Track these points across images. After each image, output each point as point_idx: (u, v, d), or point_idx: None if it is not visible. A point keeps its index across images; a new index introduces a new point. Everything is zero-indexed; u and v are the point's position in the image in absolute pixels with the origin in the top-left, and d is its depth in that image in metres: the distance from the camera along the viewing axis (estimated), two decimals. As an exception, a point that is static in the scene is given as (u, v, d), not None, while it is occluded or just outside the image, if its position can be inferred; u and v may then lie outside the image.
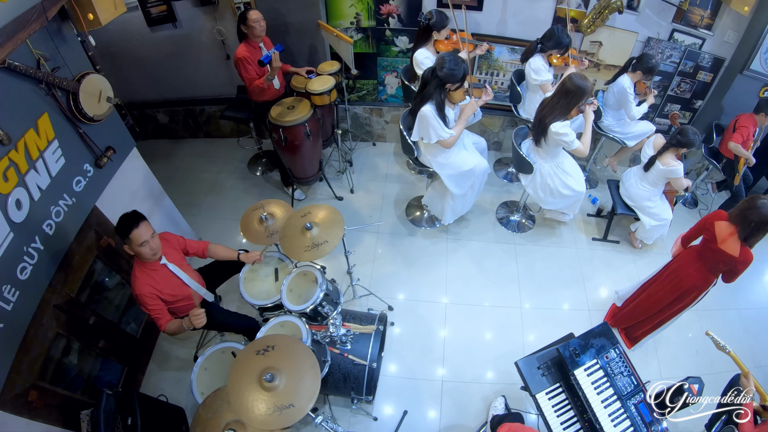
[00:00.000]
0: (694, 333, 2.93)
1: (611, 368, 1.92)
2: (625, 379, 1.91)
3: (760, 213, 1.90)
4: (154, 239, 1.86)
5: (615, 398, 1.86)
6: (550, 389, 1.94)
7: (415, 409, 2.35)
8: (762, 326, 3.01)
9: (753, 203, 1.94)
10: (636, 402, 1.86)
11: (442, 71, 2.14)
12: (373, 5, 2.98)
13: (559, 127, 2.34)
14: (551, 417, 1.87)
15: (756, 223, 1.93)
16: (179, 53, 3.30)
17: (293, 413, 1.50)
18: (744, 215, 1.97)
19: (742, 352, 2.76)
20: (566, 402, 1.93)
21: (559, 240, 3.16)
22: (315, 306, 1.93)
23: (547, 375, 1.96)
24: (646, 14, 3.04)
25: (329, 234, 1.93)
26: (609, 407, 1.84)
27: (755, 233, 1.96)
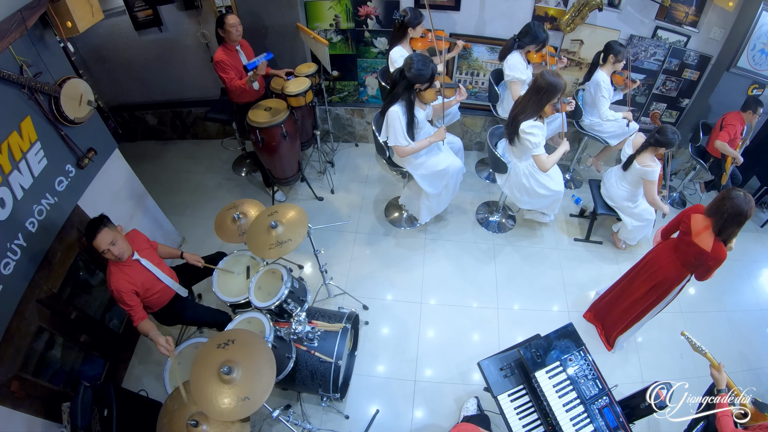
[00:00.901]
0: (678, 335, 2.97)
1: (575, 371, 1.92)
2: (590, 383, 1.91)
3: (734, 203, 1.90)
4: (117, 245, 1.95)
5: (578, 402, 1.85)
6: (513, 391, 1.96)
7: (387, 409, 2.44)
8: (752, 328, 3.03)
9: (728, 194, 1.95)
10: (600, 406, 1.85)
11: (410, 72, 2.23)
12: (351, 7, 3.10)
13: (528, 126, 2.40)
14: (513, 419, 1.90)
15: (729, 214, 1.92)
16: (166, 56, 3.47)
17: (249, 405, 1.61)
18: (718, 206, 1.97)
19: (731, 354, 2.83)
20: (530, 404, 1.94)
21: (540, 240, 3.22)
22: (280, 303, 2.05)
23: (510, 377, 1.98)
24: (627, 11, 3.08)
25: (293, 232, 2.04)
26: (571, 411, 1.83)
27: (729, 225, 1.94)
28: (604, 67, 2.98)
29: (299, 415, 2.38)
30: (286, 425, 1.81)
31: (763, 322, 3.11)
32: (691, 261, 2.17)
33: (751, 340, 2.97)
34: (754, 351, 2.91)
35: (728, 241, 2.04)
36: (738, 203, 1.90)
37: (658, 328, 2.99)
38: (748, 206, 1.90)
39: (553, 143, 3.56)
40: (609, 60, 2.93)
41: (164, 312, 2.34)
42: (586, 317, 2.90)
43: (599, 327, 2.85)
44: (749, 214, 1.91)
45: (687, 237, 2.14)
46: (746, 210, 1.90)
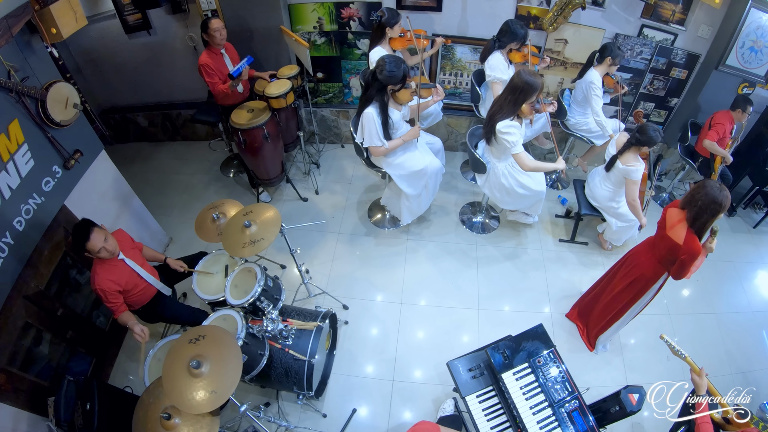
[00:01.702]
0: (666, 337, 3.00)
1: (543, 373, 1.93)
2: (559, 386, 1.90)
3: (707, 192, 1.90)
4: (109, 242, 2.12)
5: (546, 405, 1.85)
6: (482, 392, 1.97)
7: (364, 408, 2.53)
8: (742, 330, 3.05)
9: (702, 183, 1.96)
10: (570, 410, 1.84)
11: (382, 74, 2.31)
12: (334, 9, 3.21)
13: (504, 126, 2.46)
14: (481, 421, 1.91)
15: (703, 202, 1.91)
16: (155, 59, 3.62)
17: (216, 399, 1.72)
18: (692, 196, 1.97)
19: (719, 357, 2.87)
20: (499, 406, 1.96)
21: (524, 241, 3.28)
22: (254, 301, 2.15)
23: (480, 378, 2.00)
24: (612, 10, 3.14)
25: (266, 231, 2.15)
26: (538, 414, 1.83)
27: (702, 214, 1.93)
28: (599, 67, 3.02)
29: (277, 413, 2.47)
30: (254, 421, 1.90)
31: (755, 324, 3.13)
32: (665, 256, 2.15)
33: (741, 342, 2.99)
34: (743, 353, 2.93)
35: (702, 233, 2.00)
36: (711, 192, 1.90)
37: (643, 329, 3.03)
38: (722, 196, 1.90)
39: (538, 143, 3.62)
40: (605, 61, 2.97)
41: (146, 310, 2.47)
42: (568, 316, 2.95)
43: (581, 326, 2.90)
44: (724, 204, 1.90)
45: (662, 231, 2.14)
46: (720, 199, 1.89)
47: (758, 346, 3.00)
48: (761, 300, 3.26)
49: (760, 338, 3.06)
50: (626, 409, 1.93)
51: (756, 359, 2.93)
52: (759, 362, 2.91)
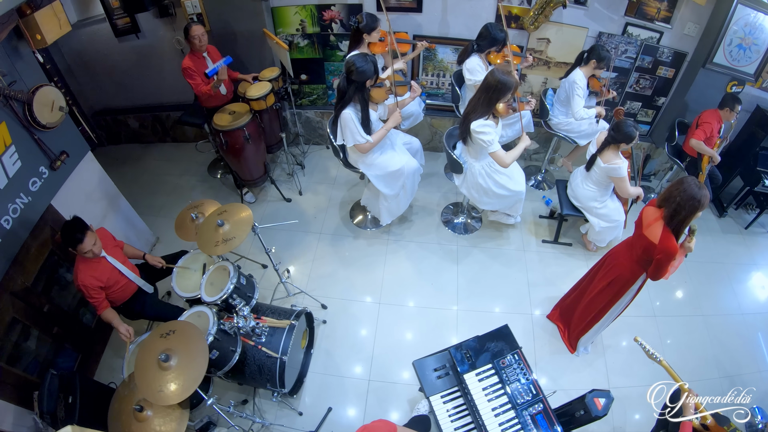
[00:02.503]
0: (649, 340, 2.98)
1: (507, 375, 1.93)
2: (522, 388, 1.90)
3: (685, 189, 1.90)
4: (97, 244, 2.28)
5: (509, 407, 1.86)
6: (447, 392, 1.99)
7: (339, 407, 2.63)
8: (730, 333, 3.08)
9: (680, 180, 1.96)
10: (533, 413, 1.84)
11: (354, 73, 2.42)
12: (316, 12, 3.35)
13: (478, 125, 2.53)
14: (445, 421, 1.93)
15: (682, 198, 1.90)
16: (145, 62, 3.80)
17: (181, 391, 1.84)
18: (669, 193, 1.97)
19: (706, 360, 2.91)
20: (464, 407, 1.98)
21: (506, 242, 3.36)
22: (226, 298, 2.28)
23: (445, 378, 2.03)
24: (595, 8, 3.20)
25: (238, 230, 2.28)
26: (501, 416, 1.84)
27: (680, 210, 1.92)
28: (585, 68, 3.08)
29: (254, 410, 2.58)
30: (220, 414, 2.02)
31: (744, 327, 3.15)
32: (641, 256, 2.16)
33: (729, 345, 3.02)
34: (731, 357, 2.96)
35: (680, 231, 1.99)
36: (690, 188, 1.90)
37: (627, 331, 3.07)
38: (701, 193, 1.89)
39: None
40: (591, 63, 3.03)
41: (127, 306, 2.61)
42: (550, 318, 3.01)
43: (562, 328, 2.94)
44: (702, 201, 1.89)
45: (638, 230, 2.14)
46: (699, 195, 1.88)
47: (747, 349, 3.02)
48: (752, 302, 3.28)
49: (749, 341, 3.07)
50: (591, 413, 1.94)
51: (745, 363, 2.94)
52: (747, 366, 2.93)
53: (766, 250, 3.55)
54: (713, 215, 3.78)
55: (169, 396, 1.85)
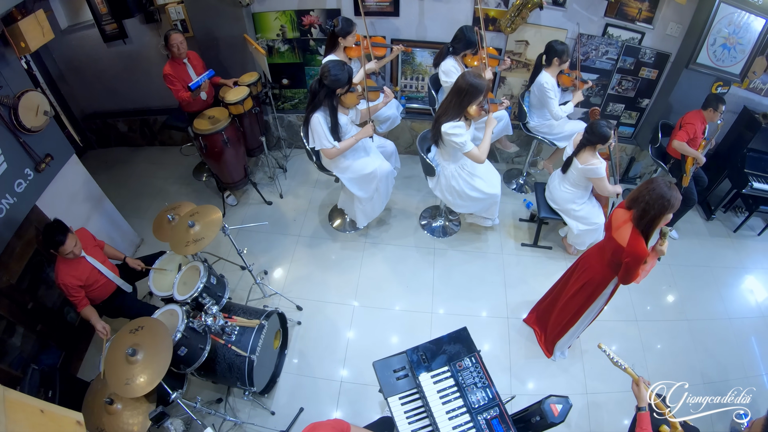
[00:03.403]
0: (630, 344, 3.11)
1: (463, 378, 1.97)
2: (479, 392, 1.94)
3: (654, 188, 1.92)
4: (77, 246, 2.49)
5: (464, 411, 1.89)
6: (405, 394, 2.04)
7: (311, 407, 2.77)
8: (715, 339, 3.15)
9: (649, 180, 1.99)
10: (489, 417, 1.87)
11: (328, 79, 2.58)
12: (295, 17, 3.54)
13: (449, 128, 2.66)
14: (402, 423, 1.98)
15: (650, 199, 1.93)
16: (132, 67, 4.04)
17: (143, 385, 2.02)
18: (639, 193, 1.99)
19: (690, 366, 3.00)
20: (422, 409, 2.00)
21: (484, 245, 3.48)
22: (196, 297, 2.46)
23: (404, 380, 2.07)
24: (573, 9, 3.32)
25: (207, 231, 2.46)
26: (455, 419, 1.87)
27: (649, 210, 1.95)
28: (549, 68, 3.20)
29: (224, 408, 2.75)
30: (184, 409, 2.18)
31: (732, 332, 3.21)
32: (611, 259, 2.22)
33: (715, 351, 3.09)
34: (717, 362, 3.02)
35: (649, 233, 2.02)
36: (659, 188, 1.92)
37: (607, 336, 3.16)
38: (670, 192, 1.91)
39: (502, 147, 3.81)
40: (554, 62, 3.14)
41: (106, 305, 2.82)
42: (526, 321, 3.12)
43: (539, 332, 3.04)
44: (672, 201, 1.90)
45: (608, 232, 2.21)
46: (668, 195, 1.90)
47: (734, 354, 3.08)
48: (739, 307, 3.34)
49: (736, 346, 3.13)
50: (547, 419, 1.98)
51: (731, 368, 3.00)
52: (734, 371, 2.99)
53: (755, 254, 3.60)
54: (701, 218, 3.84)
55: (135, 388, 2.03)
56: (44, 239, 2.45)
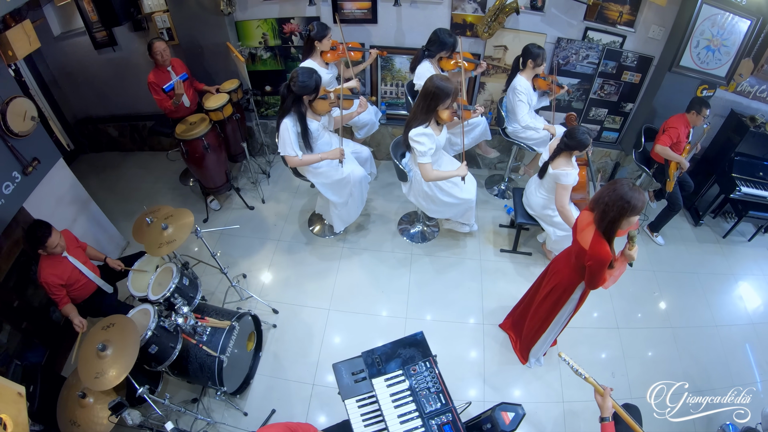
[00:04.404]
0: (610, 352, 3.22)
1: (417, 382, 2.05)
2: (432, 396, 2.01)
3: (615, 189, 1.96)
4: (62, 239, 2.76)
5: (416, 415, 1.96)
6: (362, 397, 2.12)
7: (283, 409, 2.96)
8: (700, 347, 3.24)
9: (613, 181, 2.02)
10: (441, 423, 1.93)
11: (295, 85, 2.80)
12: (276, 25, 3.80)
13: (415, 134, 2.83)
14: (358, 426, 2.06)
15: (609, 200, 1.97)
16: (121, 73, 4.36)
17: (111, 379, 2.24)
18: (599, 195, 2.04)
19: (673, 374, 3.13)
20: (378, 412, 2.05)
21: (462, 251, 3.64)
22: (168, 297, 2.69)
23: (362, 382, 2.15)
24: (552, 14, 3.49)
25: (179, 233, 2.70)
26: (407, 424, 1.95)
27: (609, 212, 1.99)
28: (524, 72, 3.36)
29: (197, 409, 2.95)
30: (150, 403, 2.39)
31: (719, 339, 3.30)
32: (576, 263, 2.31)
33: (700, 359, 3.18)
34: (702, 371, 3.10)
35: (611, 236, 2.06)
36: (620, 189, 1.95)
37: (587, 343, 3.28)
38: (632, 194, 1.94)
39: (482, 152, 3.98)
40: (528, 65, 3.31)
41: (87, 304, 3.07)
42: (502, 327, 3.26)
43: (514, 338, 3.17)
44: (633, 203, 1.94)
45: (573, 235, 2.28)
46: (629, 196, 1.93)
47: (720, 362, 3.16)
48: (728, 314, 3.41)
49: (723, 354, 3.21)
50: (498, 427, 2.09)
51: (716, 376, 3.08)
52: (720, 379, 3.06)
53: (745, 260, 3.66)
54: (689, 224, 3.93)
55: (104, 382, 2.26)
56: (29, 237, 2.71)
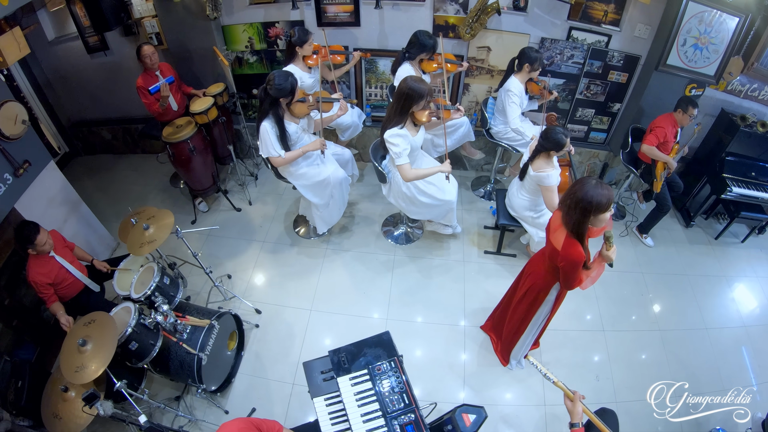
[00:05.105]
0: (596, 356, 3.32)
1: (381, 382, 2.13)
2: (395, 396, 2.09)
3: (578, 188, 2.01)
4: (50, 238, 2.98)
5: (379, 414, 2.03)
6: (330, 396, 2.21)
7: (263, 408, 3.13)
8: (689, 350, 3.31)
9: (578, 180, 2.07)
10: (403, 423, 2.00)
11: (272, 88, 2.97)
12: (262, 29, 4.00)
13: (390, 135, 2.97)
14: (325, 424, 2.14)
15: (571, 201, 2.03)
16: (113, 77, 4.62)
17: (89, 373, 2.43)
18: (564, 196, 2.11)
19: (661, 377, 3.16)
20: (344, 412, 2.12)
21: (445, 252, 3.77)
22: (149, 295, 2.88)
23: (330, 381, 2.23)
24: (535, 14, 3.61)
25: (160, 234, 2.90)
26: (369, 423, 2.03)
27: (572, 212, 2.04)
28: (519, 74, 3.48)
29: (178, 405, 3.14)
30: (127, 398, 2.58)
31: (708, 342, 3.37)
32: (549, 263, 2.35)
33: (689, 362, 3.25)
34: (691, 375, 3.15)
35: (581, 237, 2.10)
36: (583, 188, 1.99)
37: (571, 346, 3.38)
38: (594, 192, 1.97)
39: (468, 154, 4.11)
40: (524, 68, 3.42)
41: (75, 302, 3.29)
42: (483, 328, 3.38)
43: (495, 339, 3.29)
44: (595, 201, 1.97)
45: (547, 235, 2.36)
46: (590, 195, 1.97)
47: (711, 366, 3.23)
48: (719, 316, 3.48)
49: (712, 358, 3.28)
50: (458, 429, 2.17)
51: (706, 381, 3.13)
52: (709, 384, 3.12)
53: (738, 262, 3.71)
54: (680, 225, 3.99)
55: (84, 375, 2.45)
56: (18, 236, 2.93)
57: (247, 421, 1.87)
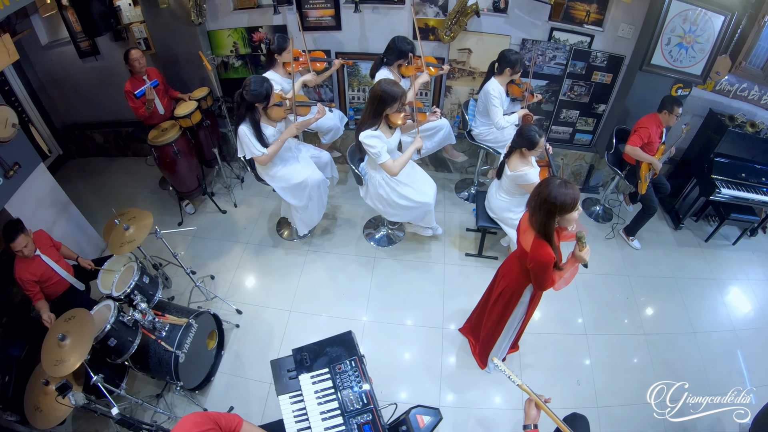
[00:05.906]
0: (578, 359, 3.45)
1: (341, 380, 2.23)
2: (354, 396, 2.19)
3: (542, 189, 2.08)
4: (29, 247, 3.24)
5: (337, 413, 2.14)
6: (294, 394, 2.32)
7: (241, 406, 3.35)
8: (675, 354, 3.42)
9: (543, 180, 2.17)
10: (361, 422, 2.10)
11: (247, 93, 3.20)
12: (246, 34, 4.26)
13: (365, 137, 3.17)
14: (289, 422, 2.25)
15: (535, 202, 2.10)
16: (104, 81, 4.95)
17: (67, 366, 2.68)
18: (531, 195, 2.17)
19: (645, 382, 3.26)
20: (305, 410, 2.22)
21: (426, 255, 3.95)
22: (129, 293, 3.14)
23: (294, 379, 2.34)
24: (515, 15, 3.79)
25: (139, 234, 3.16)
26: (328, 421, 2.13)
27: (536, 212, 2.12)
28: (500, 76, 3.64)
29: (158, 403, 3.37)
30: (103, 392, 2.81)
31: (696, 346, 3.48)
32: (520, 265, 2.47)
33: (675, 367, 3.36)
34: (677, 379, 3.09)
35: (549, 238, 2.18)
36: (547, 188, 2.06)
37: (552, 350, 3.52)
38: (558, 191, 2.04)
39: (450, 156, 4.29)
40: (505, 71, 3.58)
41: (60, 300, 3.56)
42: (461, 331, 3.54)
43: (473, 342, 3.44)
44: (558, 202, 2.04)
45: (518, 236, 2.46)
46: (553, 196, 2.04)
47: (698, 370, 3.34)
48: (707, 320, 3.58)
49: (700, 362, 3.38)
50: (412, 430, 2.29)
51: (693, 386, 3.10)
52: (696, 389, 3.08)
53: (728, 264, 3.79)
54: (668, 227, 4.09)
55: (62, 368, 2.70)
56: (3, 234, 3.21)
57: (204, 415, 1.97)
